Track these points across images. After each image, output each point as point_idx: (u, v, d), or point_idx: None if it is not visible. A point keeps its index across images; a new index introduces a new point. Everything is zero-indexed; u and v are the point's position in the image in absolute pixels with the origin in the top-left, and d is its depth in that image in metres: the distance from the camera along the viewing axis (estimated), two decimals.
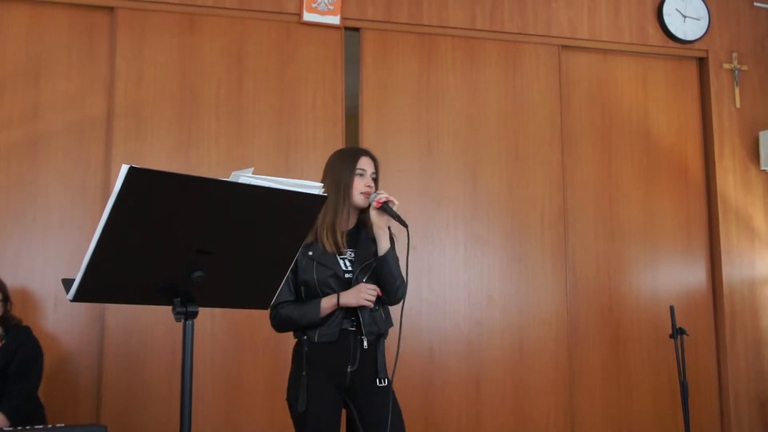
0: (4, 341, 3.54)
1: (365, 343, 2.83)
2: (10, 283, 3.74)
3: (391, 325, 2.98)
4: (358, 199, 2.91)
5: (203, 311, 2.15)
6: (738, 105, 5.31)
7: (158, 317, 4.07)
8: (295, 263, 2.84)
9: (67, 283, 1.95)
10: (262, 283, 2.25)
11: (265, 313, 2.85)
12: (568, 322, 4.83)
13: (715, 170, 5.20)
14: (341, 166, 2.95)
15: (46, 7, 4.27)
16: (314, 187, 2.11)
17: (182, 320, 2.05)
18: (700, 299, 5.13)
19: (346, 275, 2.88)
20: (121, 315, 4.10)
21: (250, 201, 2.02)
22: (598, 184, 5.06)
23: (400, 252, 2.90)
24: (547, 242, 4.85)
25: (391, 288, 2.88)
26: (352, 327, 2.84)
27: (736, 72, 5.34)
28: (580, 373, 4.84)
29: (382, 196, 2.84)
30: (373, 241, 2.91)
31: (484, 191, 4.79)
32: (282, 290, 2.81)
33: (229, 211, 2.00)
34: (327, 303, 2.82)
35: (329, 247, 2.87)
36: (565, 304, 4.83)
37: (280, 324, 2.90)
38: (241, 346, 4.26)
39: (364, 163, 2.95)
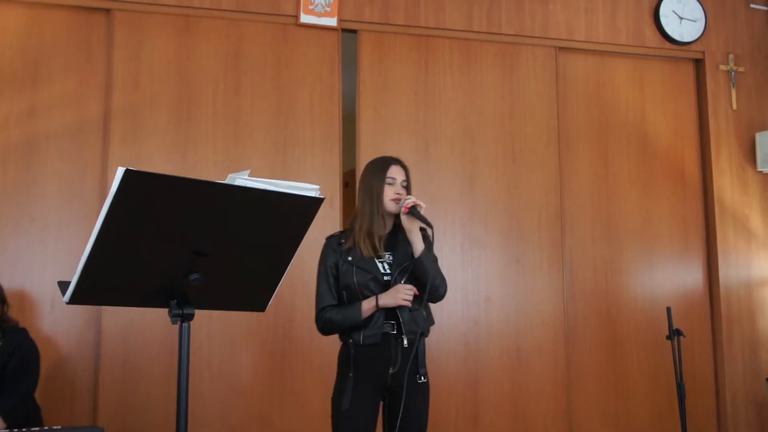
0: (1, 343, 3.53)
1: (405, 342, 2.96)
2: (7, 284, 3.73)
3: (433, 323, 3.14)
4: (390, 206, 3.07)
5: (201, 313, 2.15)
6: (734, 106, 5.32)
7: (155, 319, 4.06)
8: (336, 268, 3.04)
9: (64, 286, 1.95)
10: (259, 286, 2.25)
11: (261, 315, 2.86)
12: (566, 323, 4.84)
13: (712, 172, 5.20)
14: (373, 176, 3.12)
15: (43, 9, 4.26)
16: (310, 189, 2.11)
17: (178, 322, 2.05)
18: (696, 300, 5.14)
19: (385, 278, 3.03)
20: (118, 317, 4.09)
21: (247, 203, 2.02)
22: (595, 186, 5.06)
23: (438, 251, 3.10)
24: (544, 244, 4.85)
25: (432, 287, 2.98)
26: (393, 330, 2.98)
27: (733, 73, 5.34)
28: (578, 374, 4.85)
29: (410, 201, 3.01)
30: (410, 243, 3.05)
31: (481, 193, 4.79)
32: (324, 295, 3.04)
33: (225, 213, 2.00)
34: (367, 305, 2.97)
35: (366, 251, 3.03)
36: (562, 306, 4.84)
37: (324, 327, 3.06)
38: (238, 348, 4.26)
39: (394, 172, 3.11)
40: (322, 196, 2.14)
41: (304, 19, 4.58)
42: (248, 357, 4.27)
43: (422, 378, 3.01)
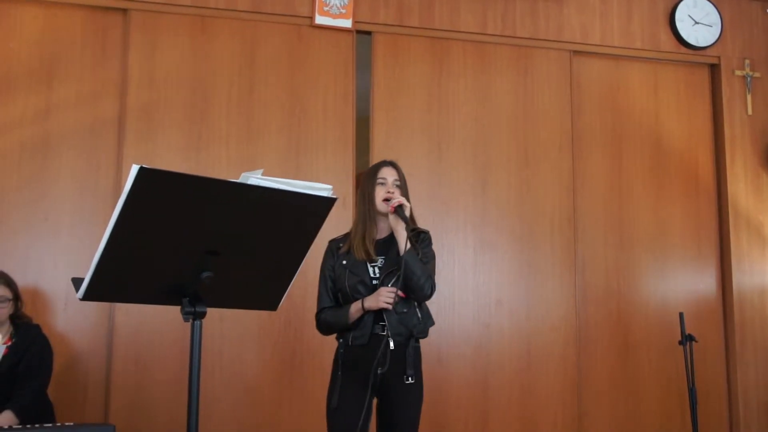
0: (14, 339, 3.55)
1: (392, 344, 2.98)
2: (21, 282, 3.76)
3: (431, 324, 3.16)
4: (381, 206, 3.11)
5: (213, 311, 2.16)
6: (750, 112, 5.29)
7: (167, 317, 4.08)
8: (334, 271, 3.13)
9: (77, 282, 1.97)
10: (271, 285, 2.26)
11: (273, 314, 2.87)
12: (577, 327, 4.82)
13: (726, 177, 5.17)
14: (366, 180, 3.20)
15: (60, 9, 4.29)
16: (323, 189, 2.11)
17: (190, 320, 2.06)
18: (709, 306, 5.10)
19: (374, 281, 3.08)
20: (130, 314, 4.11)
21: (260, 202, 2.02)
22: (609, 190, 5.04)
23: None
24: (556, 247, 4.84)
25: (416, 286, 3.01)
26: (382, 332, 3.01)
27: (749, 79, 5.31)
28: (588, 379, 4.83)
29: (395, 201, 3.03)
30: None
31: (493, 196, 4.79)
32: (322, 297, 3.15)
33: (238, 212, 2.01)
34: (354, 308, 3.05)
35: (360, 255, 3.08)
36: (574, 310, 4.82)
37: (321, 328, 3.17)
38: (250, 347, 4.27)
39: (385, 173, 3.18)
40: (334, 197, 2.14)
41: (319, 20, 4.59)
42: (259, 356, 4.28)
43: (409, 379, 3.02)
